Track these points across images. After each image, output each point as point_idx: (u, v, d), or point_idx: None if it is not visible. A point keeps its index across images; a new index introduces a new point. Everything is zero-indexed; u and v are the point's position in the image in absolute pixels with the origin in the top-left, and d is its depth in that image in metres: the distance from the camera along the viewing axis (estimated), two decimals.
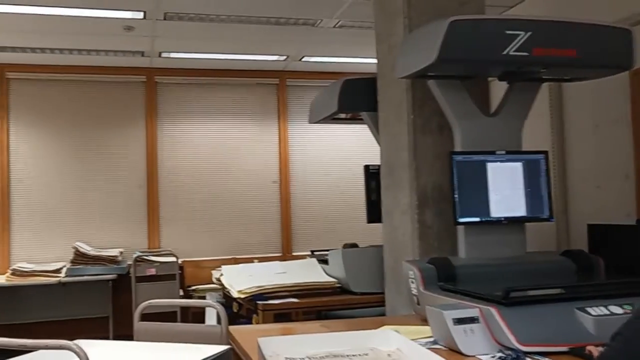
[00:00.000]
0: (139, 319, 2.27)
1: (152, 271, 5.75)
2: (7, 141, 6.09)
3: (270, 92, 6.83)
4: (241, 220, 6.62)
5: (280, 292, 3.59)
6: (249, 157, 6.70)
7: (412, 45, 2.55)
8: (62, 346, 1.49)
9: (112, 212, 6.30)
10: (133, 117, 6.43)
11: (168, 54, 6.01)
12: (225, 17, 4.97)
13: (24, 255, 6.04)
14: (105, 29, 5.16)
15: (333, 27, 5.29)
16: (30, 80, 6.21)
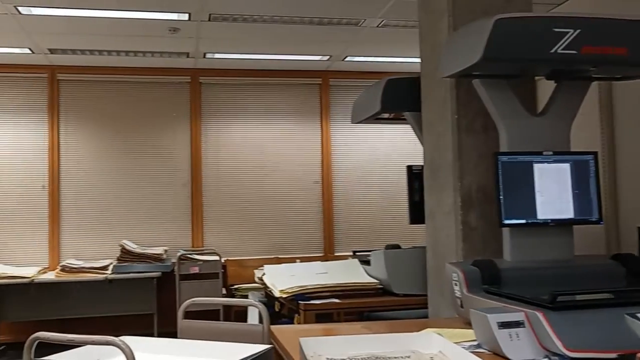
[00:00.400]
0: (182, 316, 2.29)
1: (195, 269, 5.82)
2: (57, 141, 6.26)
3: (313, 92, 6.84)
4: (283, 220, 6.66)
5: (322, 292, 3.59)
6: (292, 158, 6.73)
7: (457, 44, 2.51)
8: (108, 342, 1.52)
9: (157, 210, 6.41)
10: (178, 117, 6.52)
11: (212, 55, 6.08)
12: (268, 18, 5.00)
13: (73, 252, 6.21)
14: (151, 31, 5.26)
15: (376, 26, 5.27)
16: (79, 81, 6.37)
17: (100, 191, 6.33)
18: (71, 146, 6.32)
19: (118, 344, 1.50)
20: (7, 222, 6.12)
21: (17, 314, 5.78)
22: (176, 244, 6.36)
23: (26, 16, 4.79)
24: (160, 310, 6.02)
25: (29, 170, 6.20)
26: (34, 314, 5.77)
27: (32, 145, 6.23)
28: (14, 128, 6.20)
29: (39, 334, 1.62)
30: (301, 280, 3.68)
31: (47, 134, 6.25)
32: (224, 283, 6.05)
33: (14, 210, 6.15)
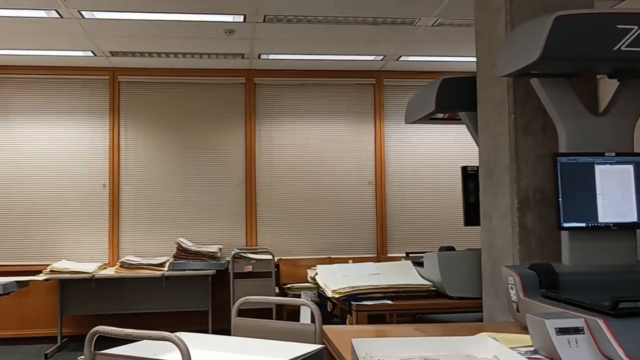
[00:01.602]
0: (236, 314, 2.32)
1: (249, 268, 5.89)
2: (117, 141, 6.44)
3: (366, 92, 6.82)
4: (336, 220, 6.66)
5: (375, 293, 3.57)
6: (345, 158, 6.73)
7: (515, 42, 2.46)
8: (164, 337, 1.55)
9: (212, 209, 6.52)
10: (233, 117, 6.62)
11: (267, 56, 6.13)
12: (322, 18, 5.01)
13: (132, 249, 6.38)
14: (207, 33, 5.35)
15: (431, 25, 5.21)
16: (139, 83, 6.54)
17: (157, 190, 6.48)
18: (130, 146, 6.49)
19: (174, 340, 1.52)
20: (70, 220, 6.34)
21: (79, 308, 5.97)
22: (230, 242, 6.45)
23: (89, 20, 4.94)
24: (215, 307, 6.12)
25: (91, 170, 6.40)
26: (94, 308, 5.95)
27: (94, 145, 6.42)
28: (76, 128, 6.41)
29: (98, 328, 1.66)
30: (354, 280, 3.68)
31: (108, 134, 6.44)
32: (277, 282, 6.10)
33: (76, 208, 6.36)
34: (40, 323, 6.24)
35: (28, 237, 6.28)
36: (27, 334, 6.21)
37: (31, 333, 6.22)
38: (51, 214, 6.32)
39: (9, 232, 6.26)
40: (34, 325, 6.24)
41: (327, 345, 2.14)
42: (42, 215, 6.31)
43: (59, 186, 6.35)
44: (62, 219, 6.33)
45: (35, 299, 6.24)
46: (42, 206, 6.32)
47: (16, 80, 6.36)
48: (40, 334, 6.19)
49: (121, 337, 1.63)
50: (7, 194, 6.28)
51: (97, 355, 1.67)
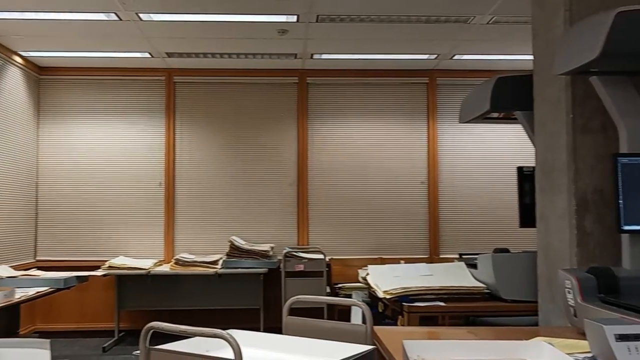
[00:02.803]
0: (287, 313, 2.33)
1: (300, 267, 5.92)
2: (173, 140, 6.58)
3: (420, 91, 6.76)
4: (388, 220, 6.62)
5: (427, 294, 3.54)
6: (398, 157, 6.68)
7: (574, 39, 2.39)
8: (216, 335, 1.57)
9: (264, 208, 6.58)
10: (286, 117, 6.66)
11: (319, 55, 6.15)
12: (375, 18, 4.99)
13: (186, 247, 6.50)
14: (261, 33, 5.40)
15: (486, 23, 5.12)
16: (194, 83, 6.66)
17: (211, 189, 6.59)
18: (185, 145, 6.62)
19: (226, 338, 1.54)
20: (128, 217, 6.51)
21: (135, 303, 6.13)
22: (282, 241, 6.50)
23: (146, 22, 5.06)
24: (266, 305, 6.18)
25: (147, 169, 6.56)
26: (150, 303, 6.10)
27: (150, 144, 6.58)
28: (133, 128, 6.58)
29: (153, 324, 1.70)
30: (405, 281, 3.65)
31: (164, 134, 6.58)
32: (328, 281, 6.11)
33: (134, 206, 6.52)
34: (98, 317, 6.44)
35: (88, 233, 6.48)
36: (86, 328, 6.42)
37: (90, 327, 6.42)
38: (110, 212, 6.51)
39: (70, 229, 6.48)
40: (93, 319, 6.44)
41: (378, 346, 2.13)
42: (101, 213, 6.50)
43: (118, 185, 6.53)
44: (120, 216, 6.51)
45: (94, 294, 6.44)
46: (101, 204, 6.51)
47: (76, 81, 6.58)
48: (98, 327, 6.38)
49: (175, 333, 1.66)
50: (68, 192, 6.50)
51: (152, 351, 1.71)
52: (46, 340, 2.88)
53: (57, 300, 6.36)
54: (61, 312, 6.45)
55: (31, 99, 6.35)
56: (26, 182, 6.22)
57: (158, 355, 1.69)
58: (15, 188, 5.95)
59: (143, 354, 1.70)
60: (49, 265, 6.16)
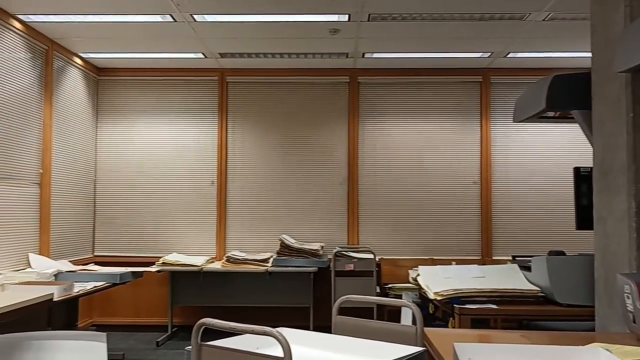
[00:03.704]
0: (337, 312, 2.33)
1: (350, 267, 5.91)
2: (225, 139, 6.67)
3: (473, 90, 6.66)
4: (440, 220, 6.55)
5: (478, 296, 3.48)
6: (450, 157, 6.60)
7: (635, 35, 2.31)
8: (266, 332, 1.58)
9: (315, 207, 6.60)
10: (337, 116, 6.67)
11: (371, 55, 6.13)
12: (427, 16, 4.94)
13: (237, 244, 6.58)
14: (312, 33, 5.42)
15: (542, 20, 5.00)
16: (246, 83, 6.73)
17: (262, 187, 6.65)
18: (237, 144, 6.70)
19: (275, 335, 1.55)
20: (181, 215, 6.64)
21: (187, 299, 6.24)
22: (332, 240, 6.51)
23: (200, 23, 5.15)
24: (316, 304, 6.20)
25: (200, 167, 6.67)
26: (201, 300, 6.20)
27: (203, 143, 6.69)
28: (187, 127, 6.70)
29: (205, 320, 1.72)
30: (457, 283, 3.60)
31: (216, 133, 6.68)
32: (378, 281, 6.08)
33: (187, 204, 6.65)
34: (152, 312, 6.59)
35: (143, 230, 6.64)
36: (141, 322, 6.58)
37: (144, 321, 6.58)
38: (164, 210, 6.65)
39: (126, 226, 6.65)
40: (147, 314, 6.60)
41: (428, 348, 2.11)
42: (155, 211, 6.65)
43: (172, 183, 6.66)
44: (173, 214, 6.65)
45: (149, 289, 6.59)
46: (155, 202, 6.65)
47: (133, 81, 6.74)
48: (152, 322, 6.53)
49: (225, 330, 1.68)
50: (124, 190, 6.67)
51: (203, 347, 1.73)
52: (103, 333, 2.96)
53: (113, 295, 6.55)
54: (117, 306, 6.63)
55: (90, 99, 6.55)
56: (85, 180, 6.42)
57: (209, 352, 1.72)
58: (75, 186, 6.14)
59: (194, 350, 1.73)
60: (106, 261, 6.36)
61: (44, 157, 5.49)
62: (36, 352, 3.09)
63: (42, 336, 3.19)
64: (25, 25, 5.13)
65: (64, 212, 5.89)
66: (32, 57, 5.30)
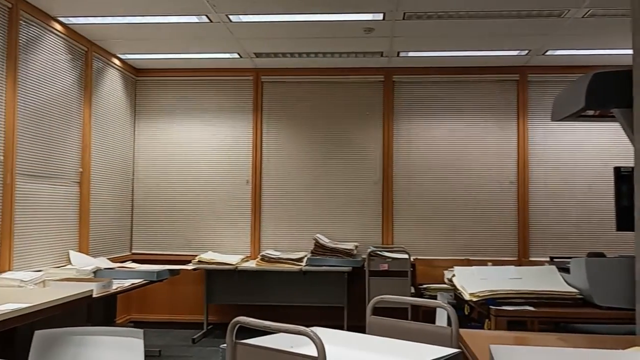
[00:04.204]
0: (371, 312, 2.33)
1: (384, 267, 5.89)
2: (260, 138, 6.72)
3: (509, 88, 6.56)
4: (475, 221, 6.48)
5: (515, 298, 3.44)
6: (486, 156, 6.53)
7: None
8: (300, 332, 1.59)
9: (349, 206, 6.60)
10: (371, 116, 6.65)
11: (406, 53, 6.09)
12: (464, 14, 4.89)
13: (272, 243, 6.62)
14: (347, 32, 5.41)
15: (581, 17, 4.91)
16: (280, 82, 6.76)
17: (296, 186, 6.67)
18: (272, 144, 6.73)
19: (309, 335, 1.56)
20: (217, 214, 6.70)
21: (222, 297, 6.30)
22: (367, 240, 6.50)
23: (236, 23, 5.19)
24: (350, 303, 6.19)
25: (235, 166, 6.73)
26: (236, 298, 6.25)
27: (238, 142, 6.74)
28: (222, 127, 6.77)
29: (239, 319, 1.74)
30: (493, 284, 3.56)
31: (251, 132, 6.73)
32: (413, 282, 6.05)
33: (223, 203, 6.71)
34: (188, 309, 6.67)
35: (179, 229, 6.73)
36: (177, 319, 6.67)
37: (181, 318, 6.67)
38: (200, 208, 6.73)
39: (162, 224, 6.75)
40: (183, 312, 6.69)
41: (463, 349, 2.09)
42: (191, 209, 6.73)
43: (207, 182, 6.74)
44: (209, 213, 6.72)
45: (185, 287, 6.68)
46: (191, 201, 6.74)
47: (169, 82, 6.84)
48: (188, 319, 6.62)
49: (260, 329, 1.69)
50: (160, 189, 6.77)
51: (238, 345, 1.75)
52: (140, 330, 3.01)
53: (150, 292, 6.65)
54: (154, 303, 6.73)
55: (128, 99, 6.66)
56: (123, 179, 6.54)
57: (243, 350, 1.73)
58: (113, 184, 6.26)
59: (229, 348, 1.74)
60: (143, 258, 6.46)
61: (84, 157, 5.61)
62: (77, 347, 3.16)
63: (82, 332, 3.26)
64: (66, 27, 5.25)
65: (102, 210, 6.01)
66: (72, 59, 5.42)
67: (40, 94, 4.88)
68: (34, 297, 3.47)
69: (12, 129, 4.44)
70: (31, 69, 4.75)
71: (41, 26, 4.89)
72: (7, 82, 4.41)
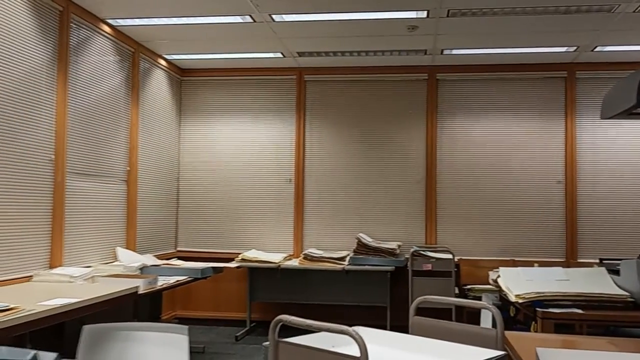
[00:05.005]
0: (414, 312, 2.31)
1: (428, 266, 5.84)
2: (302, 137, 6.74)
3: (557, 86, 6.42)
4: (521, 220, 6.36)
5: (563, 300, 3.36)
6: (532, 155, 6.40)
7: None
8: (342, 331, 1.58)
9: (392, 205, 6.56)
10: (414, 114, 6.59)
11: (450, 51, 6.02)
12: (509, 10, 4.80)
13: (314, 242, 6.63)
14: (390, 30, 5.38)
15: (633, 11, 4.76)
16: (323, 81, 6.77)
17: (339, 185, 6.67)
18: (314, 142, 6.75)
19: (352, 334, 1.55)
20: (260, 212, 6.76)
21: (265, 295, 6.34)
22: (410, 239, 6.45)
23: (279, 23, 5.22)
24: (393, 303, 6.16)
25: (278, 165, 6.77)
26: (279, 296, 6.28)
27: (281, 141, 6.78)
28: (265, 126, 6.81)
29: (282, 317, 1.74)
30: (539, 285, 3.49)
31: (294, 131, 6.76)
32: (457, 282, 5.98)
33: (266, 202, 6.76)
34: (232, 307, 6.74)
35: (223, 227, 6.81)
36: (221, 316, 6.75)
37: (224, 315, 6.74)
38: (243, 207, 6.79)
39: (207, 223, 6.84)
40: (226, 309, 6.77)
41: (509, 352, 2.05)
42: (235, 208, 6.80)
43: (251, 181, 6.79)
44: (252, 211, 6.77)
45: (228, 285, 6.75)
46: (235, 199, 6.81)
47: (213, 82, 6.92)
48: (231, 317, 6.69)
49: (302, 328, 1.70)
50: (205, 188, 6.86)
51: (280, 343, 1.75)
52: (185, 326, 3.05)
53: (194, 289, 6.75)
54: (198, 300, 6.83)
55: (174, 99, 6.77)
56: (169, 177, 6.65)
57: (286, 348, 1.74)
58: (159, 183, 6.37)
59: (272, 346, 1.75)
60: (188, 256, 6.57)
61: (131, 156, 5.73)
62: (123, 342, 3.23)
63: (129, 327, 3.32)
64: (114, 29, 5.37)
65: (149, 208, 6.12)
66: (120, 60, 5.54)
67: (89, 95, 5.00)
68: (83, 292, 3.56)
69: (62, 129, 4.57)
70: (81, 70, 4.87)
71: (90, 28, 5.01)
72: (58, 84, 4.53)
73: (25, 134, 4.16)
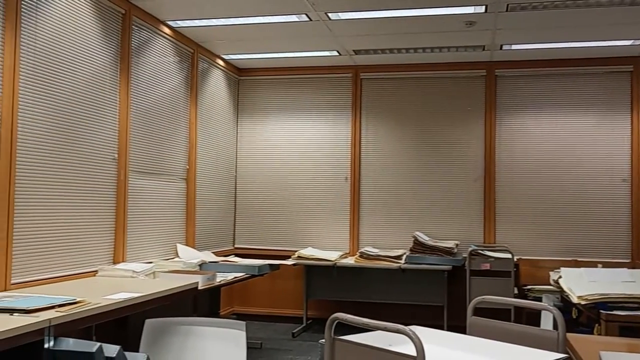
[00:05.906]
0: (472, 313, 2.28)
1: (486, 266, 5.74)
2: (359, 135, 6.73)
3: (622, 80, 6.19)
4: (584, 219, 6.18)
5: (628, 302, 3.25)
6: (596, 153, 6.20)
7: None
8: (398, 330, 1.58)
9: (449, 204, 6.48)
10: (473, 111, 6.49)
11: (509, 47, 5.90)
12: (571, 3, 4.66)
13: (370, 240, 6.62)
14: (447, 26, 5.31)
15: None
16: (379, 79, 6.74)
17: (395, 183, 6.63)
18: (370, 140, 6.73)
19: (408, 334, 1.54)
20: (316, 210, 6.79)
21: (321, 293, 6.37)
22: (467, 238, 6.36)
23: (335, 21, 5.23)
24: (450, 303, 6.08)
25: (334, 163, 6.78)
26: (335, 294, 6.30)
27: (337, 139, 6.79)
28: (322, 124, 6.84)
29: (338, 315, 1.75)
30: (603, 287, 3.39)
31: (350, 129, 6.76)
32: (516, 282, 5.85)
33: (321, 200, 6.78)
34: (288, 304, 6.81)
35: (280, 224, 6.87)
36: (277, 313, 6.82)
37: (281, 312, 6.81)
38: (300, 205, 6.84)
39: (264, 220, 6.92)
40: (283, 306, 6.83)
41: (570, 355, 2.00)
42: (292, 206, 6.86)
43: (307, 179, 6.83)
44: (309, 209, 6.81)
45: (285, 282, 6.82)
46: (292, 197, 6.86)
47: (270, 81, 6.99)
48: (288, 313, 6.75)
49: (358, 326, 1.70)
50: (262, 186, 6.94)
51: (336, 341, 1.76)
52: (242, 322, 3.10)
53: (251, 286, 6.85)
54: (255, 296, 6.92)
55: (231, 98, 6.88)
56: (227, 175, 6.76)
57: (342, 346, 1.74)
58: (217, 181, 6.49)
59: (328, 343, 1.76)
60: (245, 253, 6.67)
61: (190, 154, 5.85)
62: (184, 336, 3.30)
63: (189, 322, 3.40)
64: (174, 30, 5.49)
65: (207, 205, 6.24)
66: (179, 61, 5.66)
67: (150, 95, 5.14)
68: (145, 287, 3.67)
69: (125, 129, 4.71)
70: (142, 71, 5.01)
71: (151, 30, 5.14)
72: (121, 85, 4.67)
73: (91, 134, 4.31)
